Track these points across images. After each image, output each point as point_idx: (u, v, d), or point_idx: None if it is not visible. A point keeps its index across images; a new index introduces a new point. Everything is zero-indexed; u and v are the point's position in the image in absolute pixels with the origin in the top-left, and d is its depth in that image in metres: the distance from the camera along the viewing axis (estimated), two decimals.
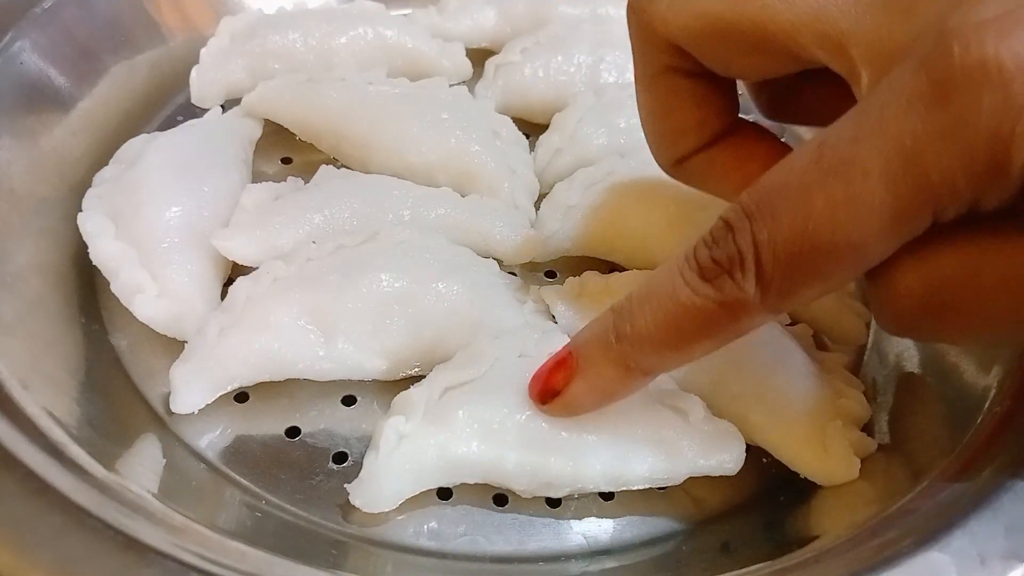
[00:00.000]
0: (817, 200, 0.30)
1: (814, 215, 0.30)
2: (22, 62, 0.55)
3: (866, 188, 0.29)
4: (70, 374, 0.46)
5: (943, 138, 0.28)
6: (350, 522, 0.43)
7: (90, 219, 0.51)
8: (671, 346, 0.36)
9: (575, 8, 0.70)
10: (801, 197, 0.31)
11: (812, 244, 0.31)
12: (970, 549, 0.36)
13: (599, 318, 0.39)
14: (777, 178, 0.32)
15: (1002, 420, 0.43)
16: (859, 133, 0.30)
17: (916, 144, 0.28)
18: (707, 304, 0.34)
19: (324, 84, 0.59)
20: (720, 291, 0.33)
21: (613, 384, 0.39)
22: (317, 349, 0.46)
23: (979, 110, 0.27)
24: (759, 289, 0.32)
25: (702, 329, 0.35)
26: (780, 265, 0.31)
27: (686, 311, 0.34)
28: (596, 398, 0.40)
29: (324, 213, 0.51)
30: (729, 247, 0.33)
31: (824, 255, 0.31)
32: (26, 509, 0.34)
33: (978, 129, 0.28)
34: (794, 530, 0.44)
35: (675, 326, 0.35)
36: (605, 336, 0.38)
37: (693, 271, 0.34)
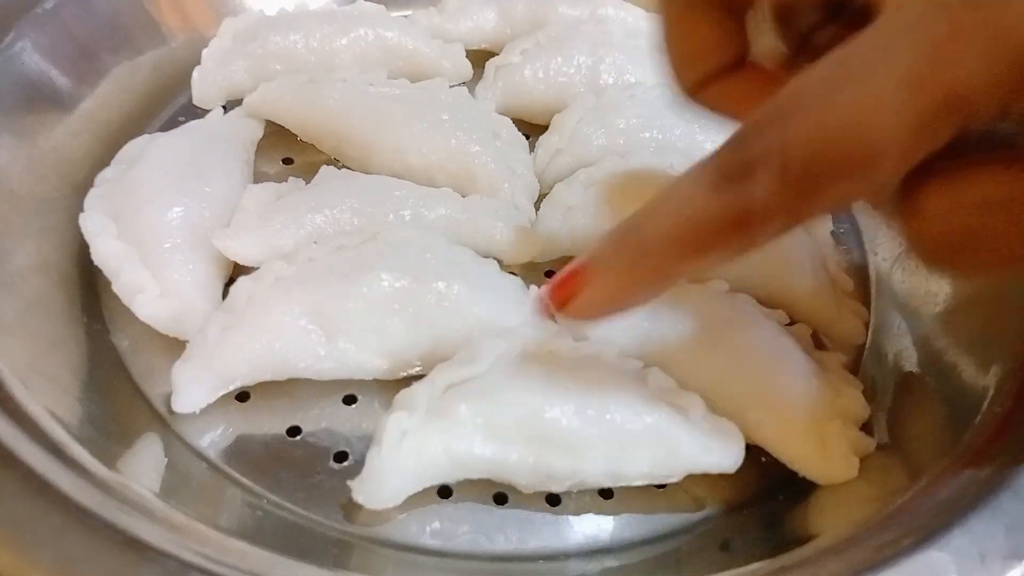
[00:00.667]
0: (839, 102, 0.30)
1: (836, 116, 0.30)
2: (23, 62, 0.56)
3: (889, 90, 0.29)
4: (71, 373, 0.46)
5: (971, 40, 0.28)
6: (351, 521, 0.43)
7: (92, 219, 0.51)
8: (688, 250, 0.35)
9: (575, 9, 0.70)
10: (824, 99, 0.31)
11: (834, 145, 0.30)
12: (970, 548, 0.36)
13: (617, 224, 0.38)
14: (800, 83, 0.32)
15: (1002, 420, 0.43)
16: (883, 37, 0.30)
17: (942, 46, 0.28)
18: (723, 210, 0.33)
19: (325, 85, 0.60)
20: (740, 192, 0.32)
21: (627, 289, 0.38)
22: (318, 348, 0.46)
23: (1008, 11, 0.27)
24: (781, 188, 0.32)
25: (720, 232, 0.34)
26: (802, 165, 0.31)
27: (705, 213, 0.34)
28: (609, 303, 0.39)
29: (325, 213, 0.51)
30: (751, 148, 0.32)
31: (846, 157, 0.30)
32: (26, 509, 0.34)
33: (1008, 32, 0.27)
34: (793, 529, 0.44)
35: (693, 229, 0.34)
36: (622, 240, 0.37)
37: (710, 177, 0.34)
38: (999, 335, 0.47)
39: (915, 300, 0.54)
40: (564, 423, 0.42)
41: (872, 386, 0.50)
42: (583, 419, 0.42)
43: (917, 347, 0.51)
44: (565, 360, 0.45)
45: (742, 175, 0.32)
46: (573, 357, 0.46)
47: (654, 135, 0.59)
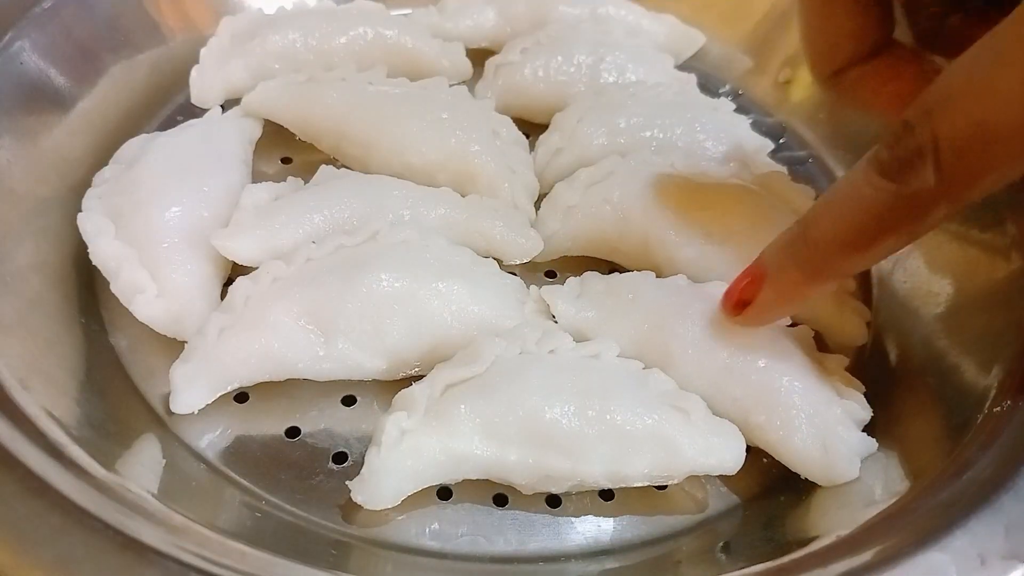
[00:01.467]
0: (991, 89, 0.32)
1: (988, 103, 0.32)
2: (22, 62, 0.55)
3: None
4: (70, 374, 0.46)
5: None
6: (350, 522, 0.43)
7: (90, 219, 0.51)
8: (856, 246, 0.38)
9: (575, 8, 0.70)
10: (975, 88, 0.32)
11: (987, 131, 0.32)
12: (970, 549, 0.36)
13: (787, 229, 0.41)
14: (952, 74, 0.33)
15: (1002, 420, 0.43)
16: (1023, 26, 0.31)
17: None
18: (890, 199, 0.35)
19: (324, 84, 0.59)
20: (903, 185, 0.35)
21: (800, 288, 0.41)
22: (317, 349, 0.46)
23: None
24: (940, 179, 0.34)
25: (886, 226, 0.36)
26: (958, 154, 0.33)
27: (870, 209, 0.36)
28: (785, 303, 0.42)
29: (324, 213, 0.51)
30: (909, 143, 0.34)
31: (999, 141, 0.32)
32: (26, 509, 0.34)
33: None
34: (794, 530, 0.44)
35: (859, 225, 0.37)
36: (792, 242, 0.40)
37: (875, 170, 0.36)
38: (1000, 336, 0.47)
39: (916, 301, 0.54)
40: (564, 424, 0.42)
41: (873, 386, 0.50)
42: (583, 420, 0.42)
43: (918, 347, 0.51)
44: (565, 361, 0.45)
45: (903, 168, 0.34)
46: (573, 358, 0.46)
47: (655, 134, 0.59)
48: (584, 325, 0.49)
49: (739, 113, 0.63)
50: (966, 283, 0.52)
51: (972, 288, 0.51)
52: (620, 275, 0.52)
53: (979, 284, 0.51)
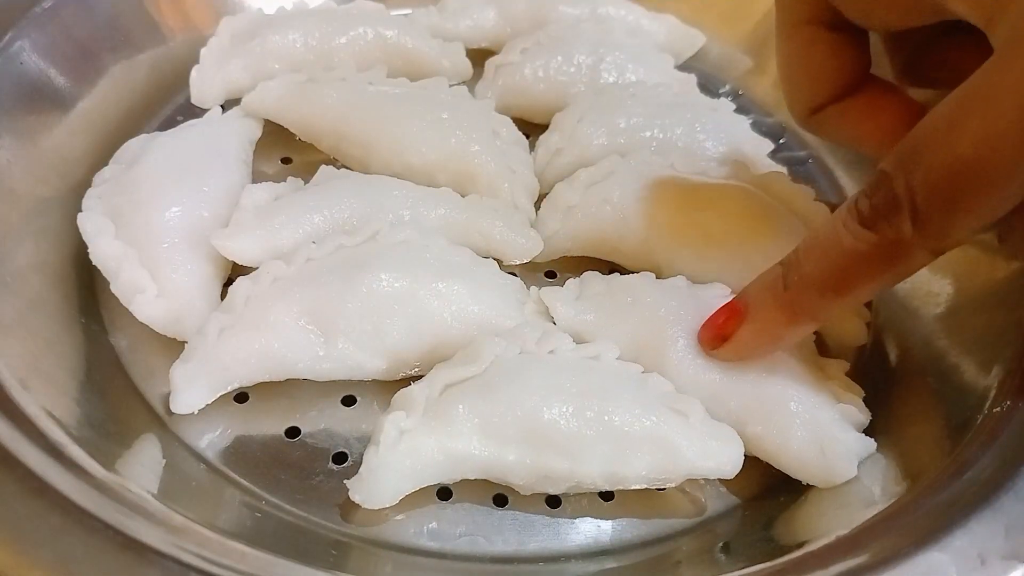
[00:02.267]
0: (961, 139, 0.33)
1: (959, 153, 0.33)
2: (22, 62, 0.55)
3: (1005, 122, 0.31)
4: (70, 374, 0.46)
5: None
6: (350, 522, 0.43)
7: (90, 219, 0.51)
8: (836, 290, 0.39)
9: (575, 8, 0.70)
10: (947, 138, 0.33)
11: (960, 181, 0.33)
12: (970, 549, 0.36)
13: (768, 270, 0.42)
14: (926, 124, 0.34)
15: (1002, 420, 0.43)
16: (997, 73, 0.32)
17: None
18: (869, 248, 0.36)
19: (324, 84, 0.59)
20: (880, 234, 0.36)
21: (780, 328, 0.42)
22: (317, 349, 0.46)
23: None
24: (916, 229, 0.35)
25: (865, 272, 0.38)
26: (933, 204, 0.34)
27: (849, 256, 0.37)
28: (764, 342, 0.43)
29: (324, 213, 0.51)
30: (886, 193, 0.35)
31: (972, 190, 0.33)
32: (26, 509, 0.34)
33: None
34: (794, 530, 0.44)
35: (840, 271, 0.38)
36: (775, 284, 0.41)
37: (854, 219, 0.37)
38: (1000, 336, 0.47)
39: (916, 301, 0.54)
40: (563, 424, 0.42)
41: (873, 387, 0.50)
42: (582, 421, 0.42)
43: (918, 348, 0.51)
44: (564, 361, 0.45)
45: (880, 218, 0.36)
46: (573, 358, 0.46)
47: (655, 134, 0.59)
48: (583, 327, 0.49)
49: (739, 113, 0.63)
50: (966, 283, 0.52)
51: (972, 288, 0.51)
52: (620, 276, 0.52)
53: (979, 284, 0.51)
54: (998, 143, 0.32)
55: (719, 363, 0.46)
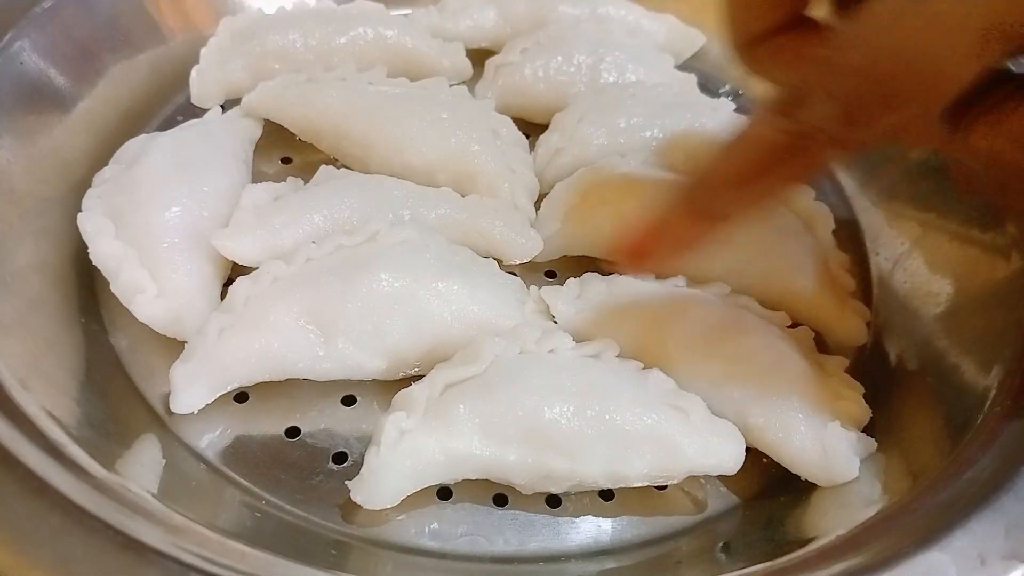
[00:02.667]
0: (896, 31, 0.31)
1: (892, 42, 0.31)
2: (22, 62, 0.55)
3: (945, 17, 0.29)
4: (70, 374, 0.46)
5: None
6: (350, 522, 0.43)
7: (90, 219, 0.51)
8: (741, 181, 0.37)
9: (575, 8, 0.70)
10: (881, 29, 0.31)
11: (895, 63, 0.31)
12: (970, 549, 0.36)
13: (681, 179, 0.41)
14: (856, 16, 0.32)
15: (1002, 420, 0.43)
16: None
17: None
18: (781, 135, 0.35)
19: (324, 84, 0.59)
20: (796, 119, 0.34)
21: (687, 230, 0.41)
22: (317, 349, 0.46)
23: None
24: (833, 115, 0.33)
25: (775, 160, 0.36)
26: (857, 88, 0.32)
27: (757, 143, 0.36)
28: (672, 245, 0.42)
29: (324, 213, 0.51)
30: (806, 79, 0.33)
31: (905, 74, 0.31)
32: (26, 509, 0.34)
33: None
34: (794, 530, 0.44)
35: (746, 160, 0.36)
36: (685, 184, 0.40)
37: (772, 105, 0.35)
38: (1000, 336, 0.47)
39: (916, 301, 0.54)
40: (563, 424, 0.42)
41: (873, 386, 0.50)
42: (582, 420, 0.42)
43: (918, 347, 0.51)
44: (565, 361, 0.45)
45: (798, 103, 0.34)
46: (573, 358, 0.46)
47: (655, 134, 0.59)
48: (583, 326, 0.49)
49: (739, 113, 0.63)
50: (966, 283, 0.52)
51: (972, 288, 0.51)
52: (620, 276, 0.52)
53: (979, 284, 0.51)
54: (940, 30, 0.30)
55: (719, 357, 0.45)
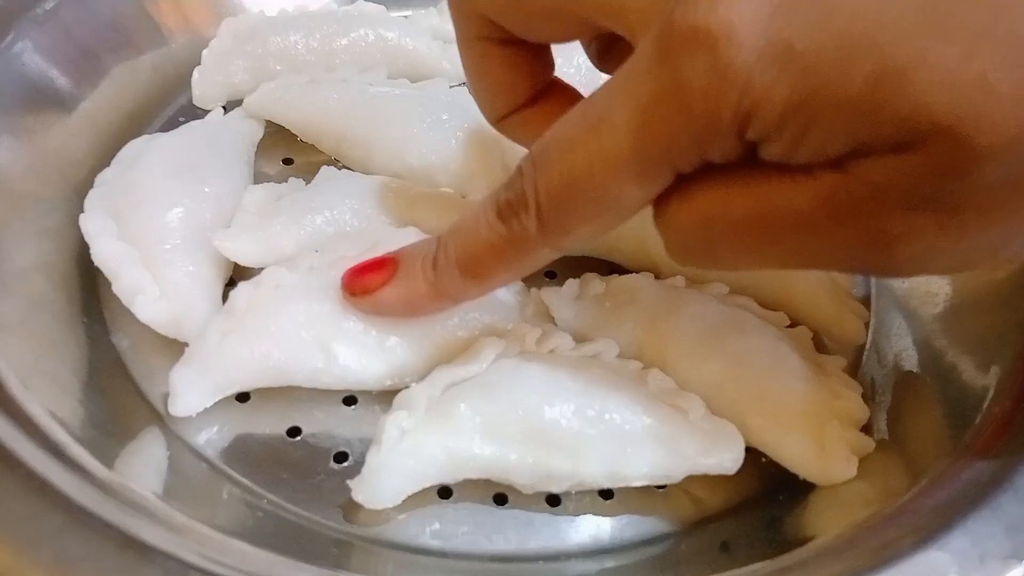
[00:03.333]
0: (578, 152, 0.34)
1: (575, 165, 0.34)
2: (23, 62, 0.56)
3: (615, 142, 0.32)
4: (72, 374, 0.46)
5: (669, 99, 0.30)
6: (351, 522, 0.43)
7: (92, 220, 0.51)
8: (473, 275, 0.41)
9: None
10: (568, 149, 0.34)
11: (576, 191, 0.35)
12: (970, 549, 0.36)
13: (429, 239, 0.43)
14: (555, 130, 0.36)
15: (1002, 420, 0.43)
16: (612, 92, 0.33)
17: (649, 103, 0.31)
18: (500, 239, 0.38)
19: (325, 85, 0.60)
20: (509, 228, 0.38)
21: (422, 301, 0.43)
22: (317, 362, 0.45)
23: (693, 71, 0.29)
24: (538, 227, 0.37)
25: (497, 261, 0.40)
26: (552, 208, 0.36)
27: (484, 245, 0.39)
28: (404, 308, 0.44)
29: (325, 214, 0.51)
30: (517, 190, 0.37)
31: (587, 201, 0.35)
32: (26, 509, 0.34)
33: (693, 89, 0.30)
34: (794, 530, 0.44)
35: (476, 258, 0.40)
36: (426, 257, 0.42)
37: (493, 210, 0.39)
38: (999, 335, 0.47)
39: (915, 300, 0.54)
40: (564, 423, 0.42)
41: (872, 386, 0.50)
42: (583, 419, 0.42)
43: (917, 347, 0.51)
44: (565, 360, 0.45)
45: (510, 213, 0.38)
46: (573, 357, 0.46)
47: None
48: (583, 327, 0.49)
49: None
50: (966, 283, 0.52)
51: (971, 288, 0.51)
52: (619, 276, 0.52)
53: (979, 284, 0.51)
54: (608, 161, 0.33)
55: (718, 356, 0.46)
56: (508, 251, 0.39)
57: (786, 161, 0.31)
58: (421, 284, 0.43)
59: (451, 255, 0.41)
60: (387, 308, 0.45)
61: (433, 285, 0.42)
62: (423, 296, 0.43)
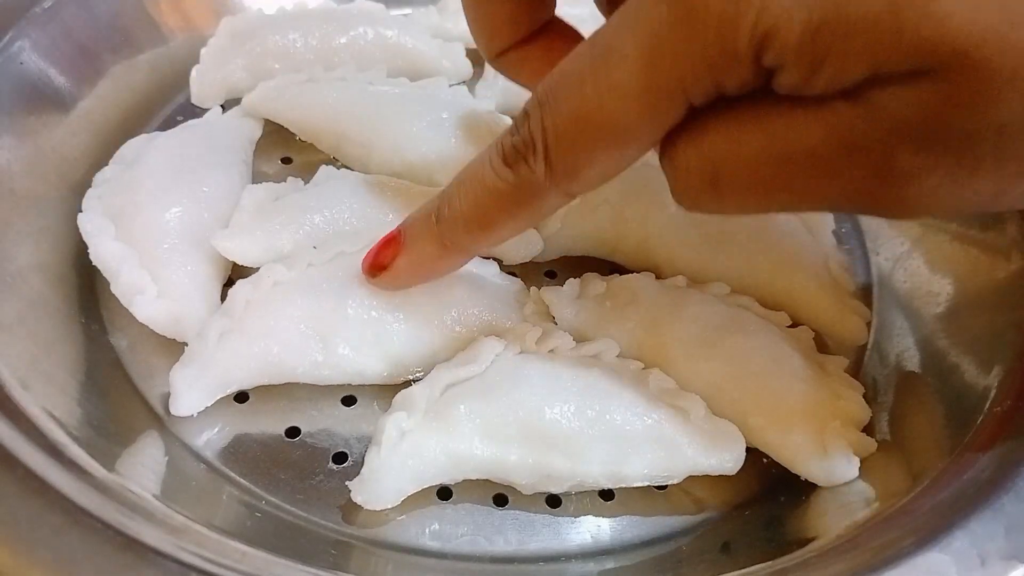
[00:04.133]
0: (587, 87, 0.33)
1: (585, 101, 0.33)
2: (22, 62, 0.55)
3: (625, 74, 0.31)
4: (70, 374, 0.46)
5: (683, 25, 0.30)
6: (350, 522, 0.43)
7: (90, 219, 0.50)
8: (481, 225, 0.40)
9: (575, 8, 0.69)
10: (576, 85, 0.33)
11: (586, 128, 0.33)
12: (970, 549, 0.36)
13: (428, 201, 0.43)
14: (562, 67, 0.35)
15: (1002, 420, 0.43)
16: (622, 23, 0.32)
17: (662, 32, 0.30)
18: (507, 186, 0.37)
19: (324, 84, 0.59)
20: (516, 173, 0.37)
21: (433, 260, 0.43)
22: (317, 355, 0.46)
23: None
24: (547, 170, 0.35)
25: (505, 209, 0.38)
26: (561, 148, 0.35)
27: (490, 193, 0.38)
28: (418, 272, 0.44)
29: (324, 214, 0.51)
30: (524, 133, 0.36)
31: (597, 138, 0.33)
32: (26, 509, 0.34)
33: (708, 12, 0.29)
34: (794, 530, 0.44)
35: (483, 207, 0.39)
36: (428, 216, 0.42)
37: (498, 157, 0.38)
38: (1000, 335, 0.47)
39: (917, 300, 0.54)
40: (564, 424, 0.42)
41: (874, 386, 0.50)
42: (583, 420, 0.42)
43: (919, 347, 0.51)
44: (565, 360, 0.45)
45: (517, 159, 0.36)
46: (573, 357, 0.46)
47: None
48: (583, 326, 0.49)
49: None
50: (966, 283, 0.52)
51: (972, 288, 0.51)
52: (619, 276, 0.52)
53: (979, 284, 0.51)
54: (619, 94, 0.32)
55: (719, 356, 0.45)
56: (516, 198, 0.37)
57: (801, 92, 0.30)
58: (429, 244, 0.42)
59: (456, 208, 0.40)
60: (403, 278, 0.44)
61: (439, 242, 0.41)
62: (432, 255, 0.42)
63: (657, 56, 0.31)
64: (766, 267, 0.52)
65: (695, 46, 0.30)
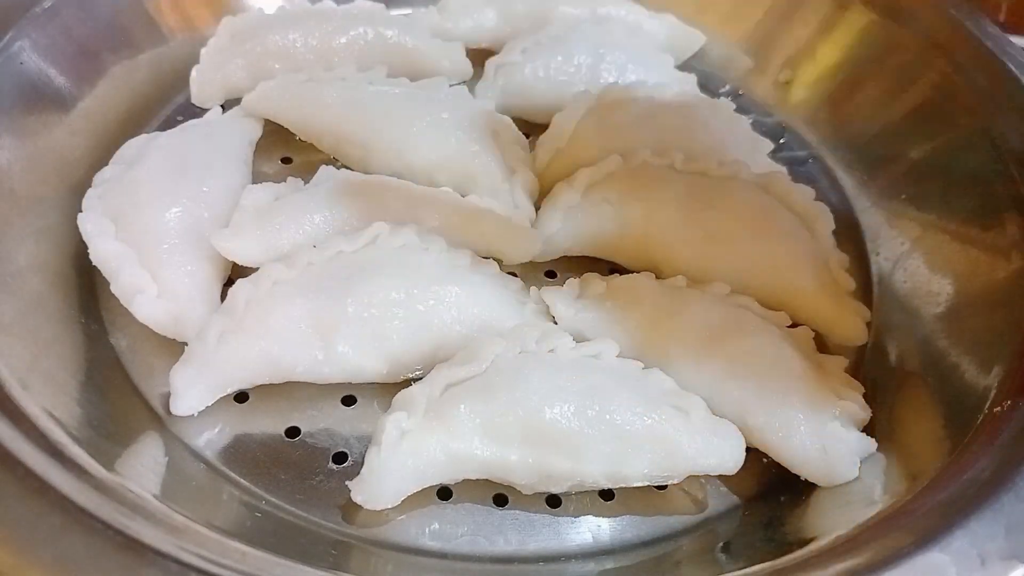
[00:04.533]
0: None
1: None
2: (22, 62, 0.55)
3: None
4: (70, 374, 0.46)
5: None
6: (350, 522, 0.43)
7: (90, 219, 0.51)
8: None
9: (575, 8, 0.70)
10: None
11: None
12: (970, 549, 0.36)
13: None
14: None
15: (1002, 420, 0.43)
16: None
17: None
18: None
19: (324, 84, 0.59)
20: None
21: None
22: (317, 353, 0.46)
23: None
24: None
25: None
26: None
27: None
28: None
29: (324, 213, 0.51)
30: None
31: None
32: (26, 509, 0.34)
33: None
34: (794, 530, 0.44)
35: None
36: None
37: None
38: (1000, 336, 0.47)
39: (917, 300, 0.54)
40: (564, 423, 0.42)
41: (873, 386, 0.50)
42: (583, 419, 0.42)
43: (919, 347, 0.51)
44: (565, 360, 0.45)
45: None
46: (573, 357, 0.46)
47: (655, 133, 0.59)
48: (583, 326, 0.49)
49: (739, 113, 0.63)
50: (966, 283, 0.52)
51: (972, 288, 0.51)
52: (620, 276, 0.52)
53: (979, 284, 0.51)
54: None
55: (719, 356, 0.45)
56: None
57: None
58: None
59: None
60: None
61: None
62: None
63: None
64: (766, 267, 0.52)
65: None
